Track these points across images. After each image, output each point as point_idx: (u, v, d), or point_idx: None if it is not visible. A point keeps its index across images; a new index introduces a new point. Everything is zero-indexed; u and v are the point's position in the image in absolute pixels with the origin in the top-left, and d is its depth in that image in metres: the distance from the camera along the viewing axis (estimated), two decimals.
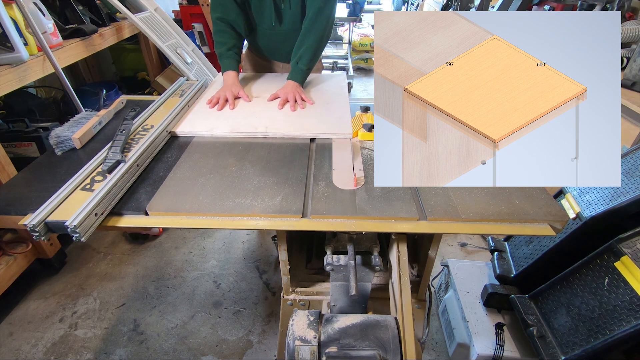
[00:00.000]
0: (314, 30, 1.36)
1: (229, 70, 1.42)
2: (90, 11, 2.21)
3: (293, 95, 1.31)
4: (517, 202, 0.85)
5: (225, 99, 1.31)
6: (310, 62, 1.40)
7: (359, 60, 4.66)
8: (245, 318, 1.64)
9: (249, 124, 1.17)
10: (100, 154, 0.99)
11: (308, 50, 1.37)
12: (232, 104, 1.30)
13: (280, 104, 1.30)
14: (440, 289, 1.66)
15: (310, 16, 1.34)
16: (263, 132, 1.13)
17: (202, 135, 1.15)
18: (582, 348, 0.95)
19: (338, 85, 1.51)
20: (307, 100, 1.32)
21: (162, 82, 2.75)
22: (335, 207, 0.85)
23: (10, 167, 1.56)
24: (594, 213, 1.03)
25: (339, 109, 1.28)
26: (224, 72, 1.43)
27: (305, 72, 1.40)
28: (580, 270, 1.02)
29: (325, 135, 1.13)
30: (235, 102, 1.33)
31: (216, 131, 1.14)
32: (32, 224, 0.74)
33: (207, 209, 0.83)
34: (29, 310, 1.67)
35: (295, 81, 1.38)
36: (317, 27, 1.35)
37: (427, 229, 0.81)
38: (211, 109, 1.30)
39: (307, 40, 1.37)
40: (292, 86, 1.36)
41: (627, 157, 1.12)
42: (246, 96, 1.35)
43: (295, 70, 1.39)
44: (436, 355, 1.48)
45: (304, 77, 1.41)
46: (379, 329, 0.77)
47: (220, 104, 1.30)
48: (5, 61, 1.53)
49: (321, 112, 1.26)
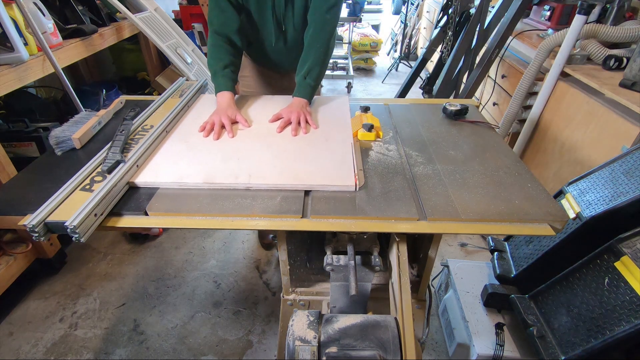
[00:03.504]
0: (319, 43, 1.24)
1: (224, 91, 1.23)
2: (90, 11, 2.21)
3: (297, 116, 1.15)
4: (517, 202, 0.85)
5: (221, 125, 1.13)
6: (319, 76, 1.27)
7: (359, 60, 4.66)
8: (245, 318, 1.63)
9: (228, 171, 0.93)
10: (100, 154, 0.99)
11: (316, 64, 1.24)
12: (230, 131, 1.12)
13: (280, 126, 1.14)
14: (440, 289, 1.66)
15: (314, 28, 1.24)
16: (245, 183, 0.89)
17: (167, 187, 0.91)
18: (582, 348, 0.94)
19: (339, 112, 1.27)
20: (312, 124, 1.17)
21: (162, 82, 2.75)
22: (335, 207, 0.84)
23: (10, 167, 1.56)
24: (594, 213, 1.03)
25: (340, 146, 1.05)
26: (219, 92, 1.24)
27: (313, 87, 1.26)
28: (580, 270, 1.02)
29: (323, 187, 0.90)
30: (233, 127, 1.15)
31: (186, 181, 0.90)
32: (32, 224, 0.73)
33: (207, 209, 0.83)
34: (29, 310, 1.67)
35: (303, 98, 1.23)
36: (321, 39, 1.24)
37: (427, 229, 0.81)
38: (205, 137, 1.11)
39: (313, 53, 1.24)
40: (298, 105, 1.21)
41: (627, 157, 1.12)
42: (245, 121, 1.17)
43: (302, 86, 1.24)
44: (436, 355, 1.48)
45: (312, 94, 1.26)
46: (379, 329, 0.77)
47: (216, 131, 1.11)
48: (5, 61, 1.53)
49: (318, 152, 1.03)
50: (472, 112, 1.28)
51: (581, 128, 1.64)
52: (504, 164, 0.99)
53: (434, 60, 2.75)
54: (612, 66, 1.65)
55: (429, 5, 4.24)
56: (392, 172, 0.97)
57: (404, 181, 0.93)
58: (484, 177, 0.94)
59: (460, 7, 2.32)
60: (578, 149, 1.66)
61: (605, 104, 1.52)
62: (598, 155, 1.53)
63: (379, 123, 1.18)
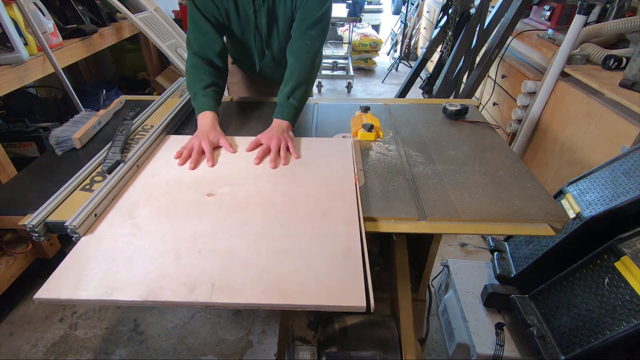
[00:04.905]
0: (303, 61, 1.11)
1: (206, 111, 1.07)
2: (90, 11, 2.21)
3: (277, 143, 0.99)
4: (517, 202, 0.85)
5: (200, 151, 0.98)
6: (304, 96, 1.11)
7: (359, 60, 4.65)
8: (245, 318, 1.63)
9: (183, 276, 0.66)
10: (100, 154, 0.99)
11: (301, 83, 1.09)
12: (210, 159, 0.97)
13: (257, 157, 0.98)
14: (440, 289, 1.66)
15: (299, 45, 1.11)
16: (206, 298, 0.62)
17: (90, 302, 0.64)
18: (582, 348, 0.94)
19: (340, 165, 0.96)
20: (293, 153, 1.00)
21: (162, 82, 2.75)
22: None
23: (10, 167, 1.56)
24: (594, 213, 1.03)
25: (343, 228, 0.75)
26: (200, 113, 1.07)
27: (297, 109, 1.10)
28: (580, 270, 1.02)
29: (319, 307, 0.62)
30: (214, 154, 1.00)
31: (117, 298, 0.62)
32: (32, 224, 0.74)
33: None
34: (29, 310, 1.67)
35: (284, 120, 1.07)
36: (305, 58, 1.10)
37: (427, 229, 0.81)
38: (180, 165, 0.96)
39: (297, 71, 1.10)
40: (279, 129, 1.05)
41: (627, 157, 1.12)
42: (228, 145, 1.02)
43: (285, 106, 1.08)
44: (436, 355, 1.48)
45: (295, 116, 1.10)
46: (379, 329, 0.77)
47: (193, 159, 0.95)
48: (5, 61, 1.53)
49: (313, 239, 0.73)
50: (472, 112, 1.28)
51: (581, 128, 1.64)
52: (504, 164, 1.00)
53: (434, 60, 2.75)
54: (612, 66, 1.65)
55: (429, 5, 4.24)
56: (392, 172, 0.97)
57: (404, 181, 0.93)
58: (484, 177, 0.94)
59: (460, 7, 2.32)
60: (578, 149, 1.66)
61: (605, 104, 1.52)
62: (598, 155, 1.53)
63: (379, 123, 1.18)
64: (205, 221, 0.78)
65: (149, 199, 0.84)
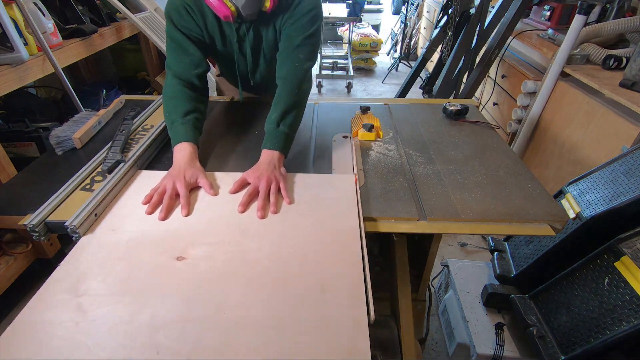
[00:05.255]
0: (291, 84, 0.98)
1: (183, 142, 0.91)
2: (90, 11, 2.21)
3: (266, 185, 0.83)
4: (517, 202, 0.85)
5: (173, 195, 0.81)
6: (295, 121, 0.97)
7: (359, 60, 4.66)
8: None
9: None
10: (100, 154, 0.99)
11: (291, 107, 0.95)
12: (185, 205, 0.79)
13: (242, 203, 0.80)
14: (440, 289, 1.66)
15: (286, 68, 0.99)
16: None
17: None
18: (582, 348, 0.95)
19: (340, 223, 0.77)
20: (286, 196, 0.83)
21: (162, 82, 2.75)
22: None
23: (10, 167, 1.56)
24: (594, 213, 1.03)
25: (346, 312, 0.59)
26: (176, 144, 0.91)
27: (289, 136, 0.94)
28: (580, 270, 1.02)
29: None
30: (190, 197, 0.82)
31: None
32: (32, 224, 0.74)
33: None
34: None
35: (275, 150, 0.91)
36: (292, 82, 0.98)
37: (427, 229, 0.81)
38: (149, 214, 0.78)
39: (285, 95, 0.97)
40: (269, 164, 0.88)
41: (627, 157, 1.12)
42: (209, 186, 0.85)
43: (274, 135, 0.92)
44: (436, 355, 1.48)
45: (287, 145, 0.94)
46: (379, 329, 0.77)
47: (164, 206, 0.78)
48: (5, 61, 1.52)
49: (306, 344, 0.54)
50: (472, 112, 1.28)
51: (581, 128, 1.64)
52: (504, 164, 1.00)
53: (434, 60, 2.75)
54: (612, 66, 1.65)
55: (429, 5, 4.24)
56: (392, 172, 0.97)
57: (404, 181, 0.93)
58: (484, 177, 0.94)
59: (460, 7, 2.32)
60: (578, 149, 1.66)
61: (605, 104, 1.52)
62: (598, 155, 1.53)
63: (379, 123, 1.18)
64: (170, 302, 0.60)
65: (103, 265, 0.67)
